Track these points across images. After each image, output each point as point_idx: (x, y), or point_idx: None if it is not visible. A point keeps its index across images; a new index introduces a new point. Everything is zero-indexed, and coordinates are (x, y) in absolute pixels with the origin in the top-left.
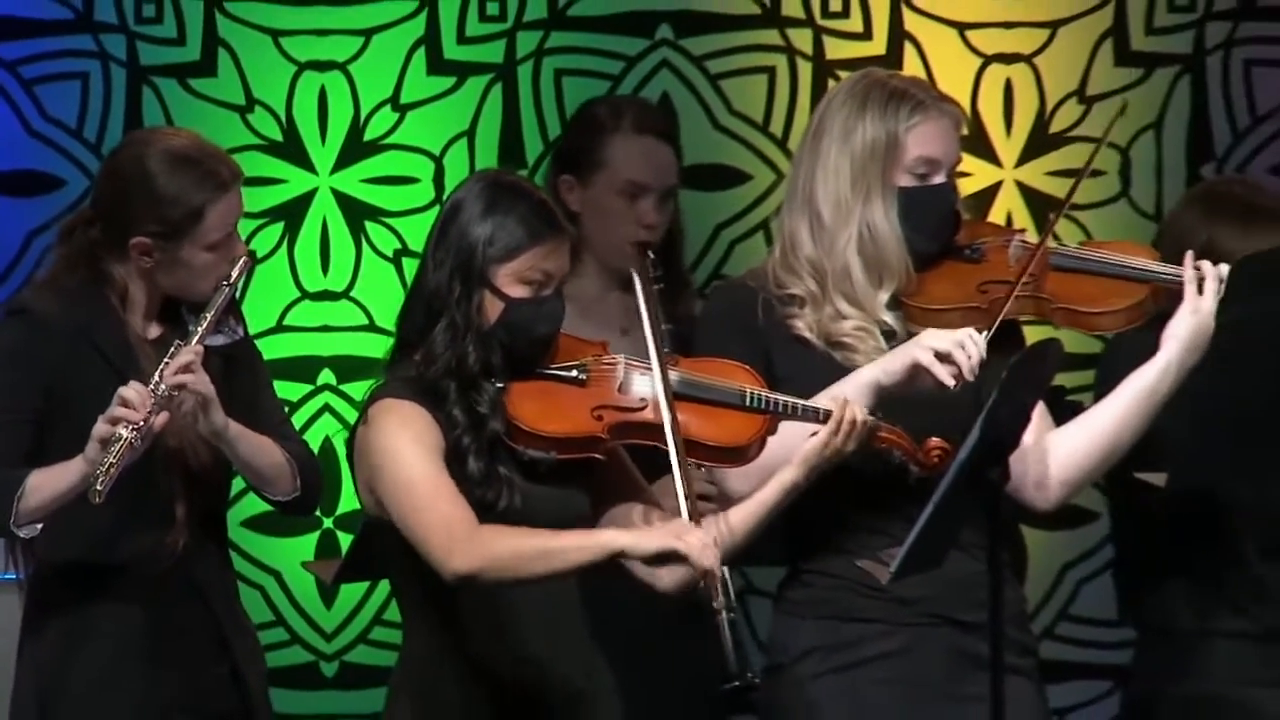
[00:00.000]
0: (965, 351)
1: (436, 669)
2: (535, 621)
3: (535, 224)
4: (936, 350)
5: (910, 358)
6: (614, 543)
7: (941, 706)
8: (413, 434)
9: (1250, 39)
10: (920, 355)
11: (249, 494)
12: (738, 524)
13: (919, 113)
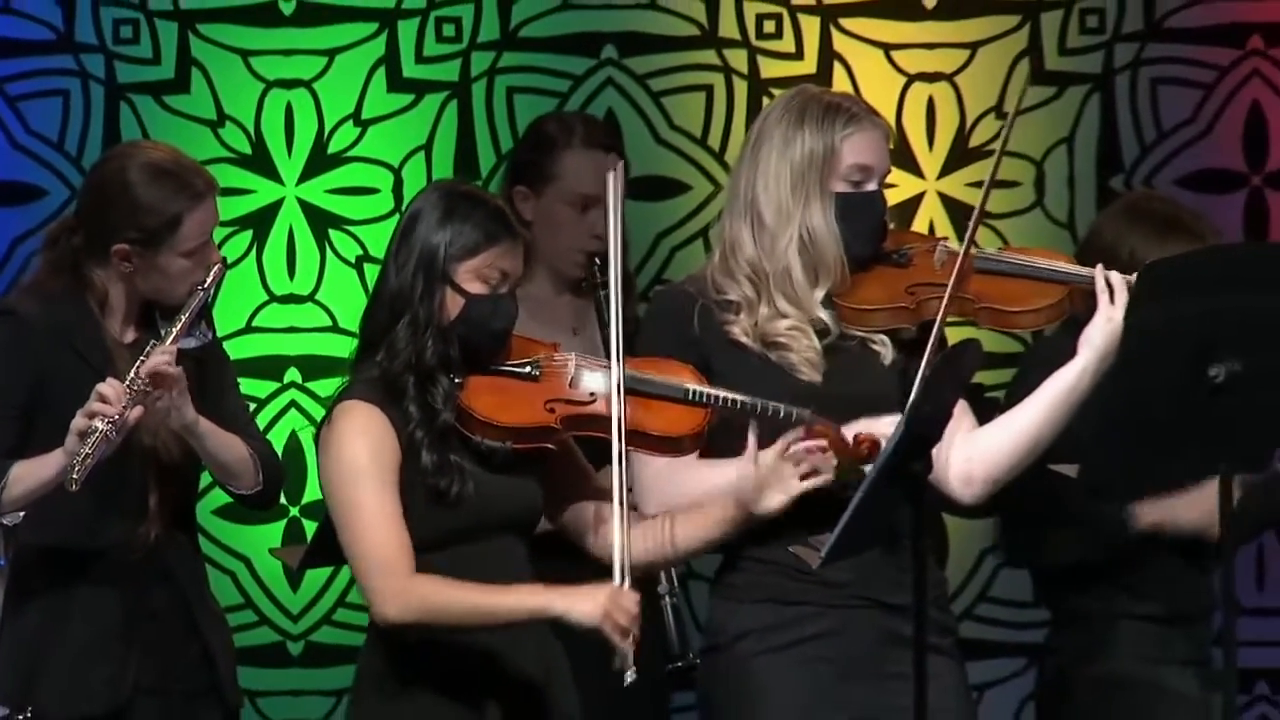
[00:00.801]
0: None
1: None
2: None
3: (492, 226)
4: None
5: None
6: (551, 607)
7: (869, 683)
8: (367, 447)
9: (1156, 59)
10: None
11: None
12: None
13: (853, 124)
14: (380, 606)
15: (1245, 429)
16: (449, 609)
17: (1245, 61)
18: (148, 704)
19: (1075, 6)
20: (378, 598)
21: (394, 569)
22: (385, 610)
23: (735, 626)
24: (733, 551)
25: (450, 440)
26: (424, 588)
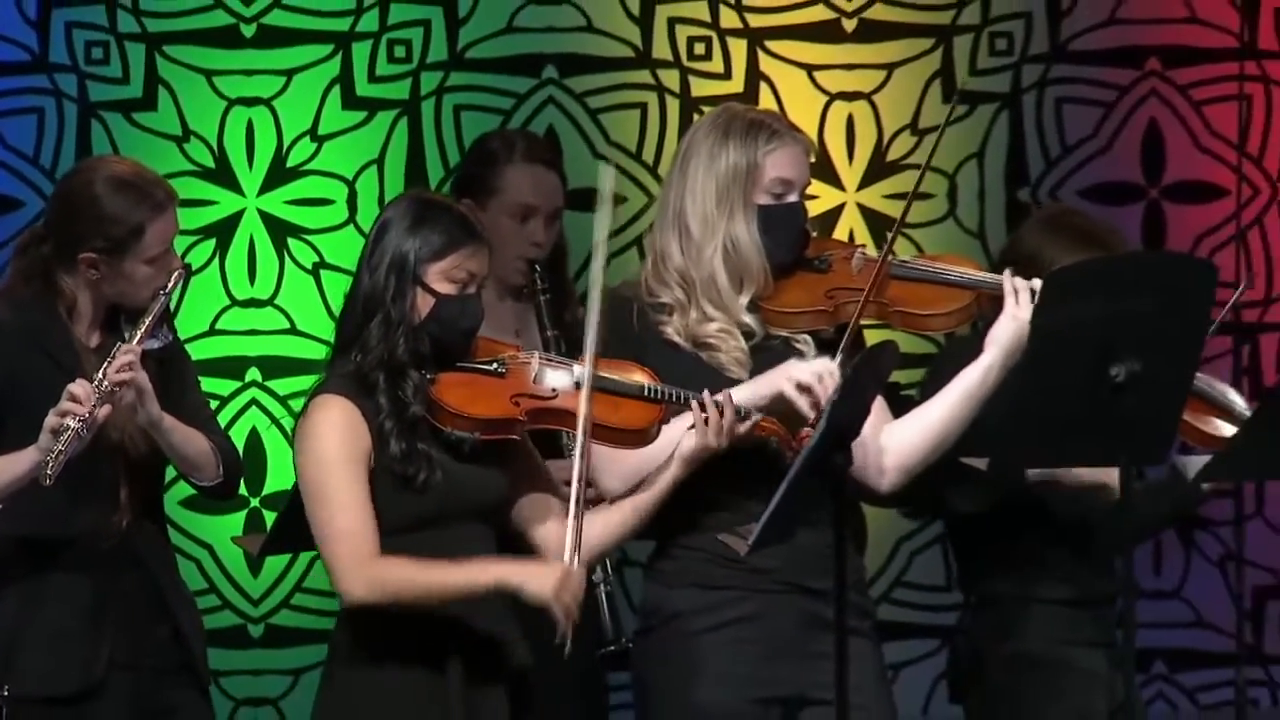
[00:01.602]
0: (824, 384)
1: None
2: None
3: (459, 231)
4: (799, 382)
5: (775, 387)
6: (507, 580)
7: (793, 663)
8: (338, 438)
9: (1060, 79)
10: (785, 386)
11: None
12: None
13: (775, 140)
14: (347, 586)
15: (1144, 425)
16: (411, 587)
17: (1143, 82)
18: (120, 681)
19: (985, 30)
20: (345, 578)
21: (360, 552)
22: (352, 589)
23: (668, 609)
24: (665, 540)
25: (419, 431)
26: (388, 568)
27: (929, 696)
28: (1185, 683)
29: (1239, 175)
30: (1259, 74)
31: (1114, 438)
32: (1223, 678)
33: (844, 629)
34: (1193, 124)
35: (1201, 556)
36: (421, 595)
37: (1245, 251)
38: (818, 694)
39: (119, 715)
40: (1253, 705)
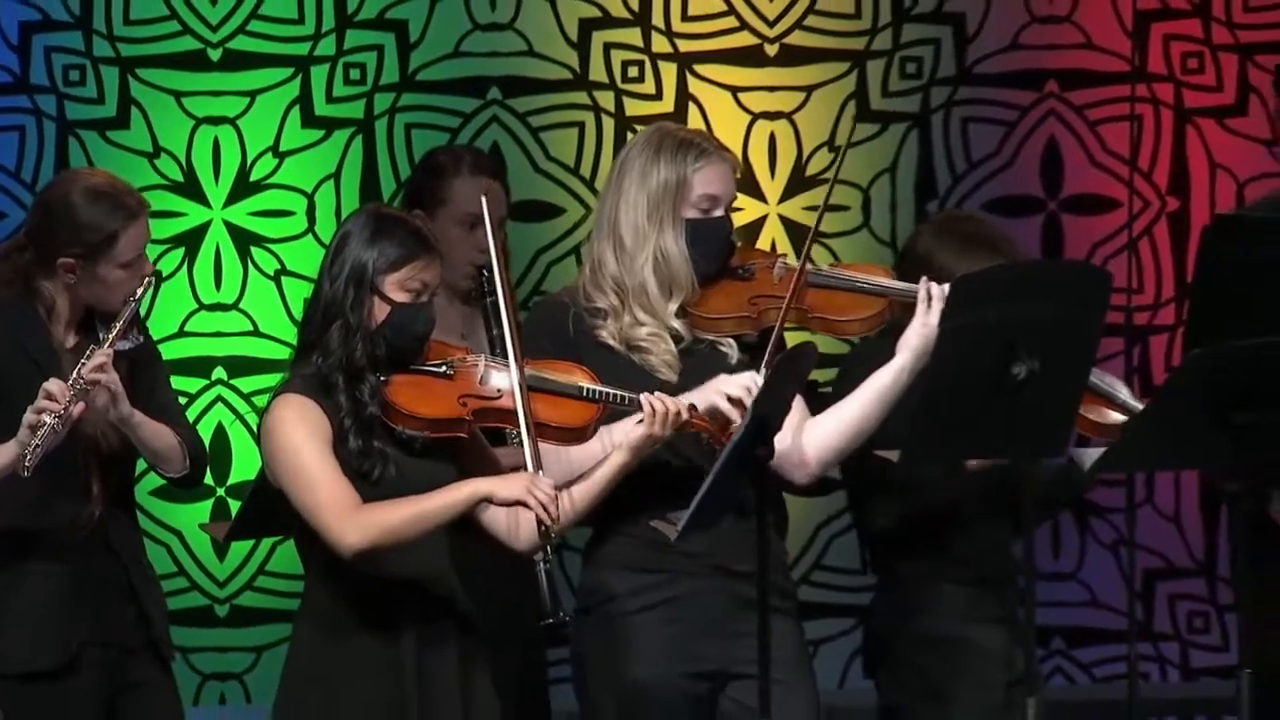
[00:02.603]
0: (752, 395)
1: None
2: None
3: (414, 243)
4: (729, 396)
5: (709, 401)
6: (479, 490)
7: (720, 641)
8: (307, 428)
9: (966, 100)
10: (717, 400)
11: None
12: (578, 498)
13: (703, 158)
14: (342, 538)
15: (1044, 419)
16: (399, 521)
17: (1043, 103)
18: (92, 657)
19: (897, 55)
20: (338, 532)
21: (345, 507)
22: (348, 539)
23: (604, 591)
24: (602, 526)
25: (375, 429)
26: (373, 512)
27: (845, 671)
28: (1081, 658)
29: (1130, 189)
30: (1149, 96)
31: (1016, 431)
32: (1116, 653)
33: (767, 608)
34: (1088, 142)
35: (1096, 541)
36: (409, 525)
37: (1136, 259)
38: (743, 669)
39: (91, 689)
40: (1143, 679)
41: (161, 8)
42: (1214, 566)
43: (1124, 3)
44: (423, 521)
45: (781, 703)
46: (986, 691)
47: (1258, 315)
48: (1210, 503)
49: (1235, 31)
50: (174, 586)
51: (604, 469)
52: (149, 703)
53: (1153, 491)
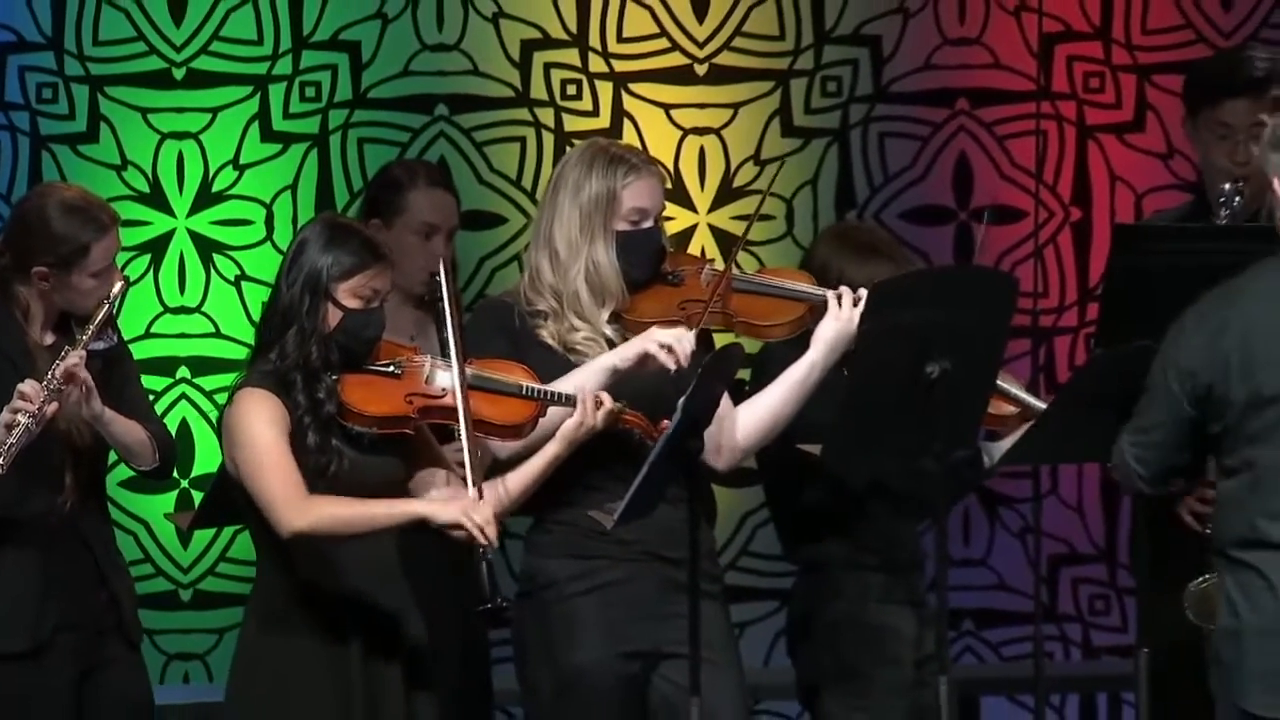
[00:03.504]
0: (682, 345)
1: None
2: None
3: (366, 252)
4: (661, 342)
5: (641, 348)
6: (420, 511)
7: (653, 622)
8: (265, 418)
9: (883, 117)
10: (649, 346)
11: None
12: (514, 487)
13: (633, 173)
14: (289, 522)
15: (955, 415)
16: (342, 515)
17: (954, 119)
18: (65, 640)
19: (818, 75)
20: (285, 516)
21: (295, 494)
22: (294, 523)
23: (543, 577)
24: (542, 515)
25: (331, 426)
26: (320, 504)
27: (769, 651)
28: (990, 639)
29: (1036, 200)
30: (1053, 113)
31: (929, 426)
32: (1022, 634)
33: (697, 592)
34: (996, 155)
35: (1004, 529)
36: (349, 524)
37: (1042, 266)
38: (674, 649)
39: (63, 668)
40: (1048, 658)
41: (129, 29)
42: (1114, 553)
43: (1030, 25)
44: (363, 524)
45: (710, 681)
46: (898, 670)
47: (1158, 318)
48: (1110, 493)
49: (1134, 53)
50: (141, 572)
51: (538, 460)
52: (118, 681)
53: (1057, 483)
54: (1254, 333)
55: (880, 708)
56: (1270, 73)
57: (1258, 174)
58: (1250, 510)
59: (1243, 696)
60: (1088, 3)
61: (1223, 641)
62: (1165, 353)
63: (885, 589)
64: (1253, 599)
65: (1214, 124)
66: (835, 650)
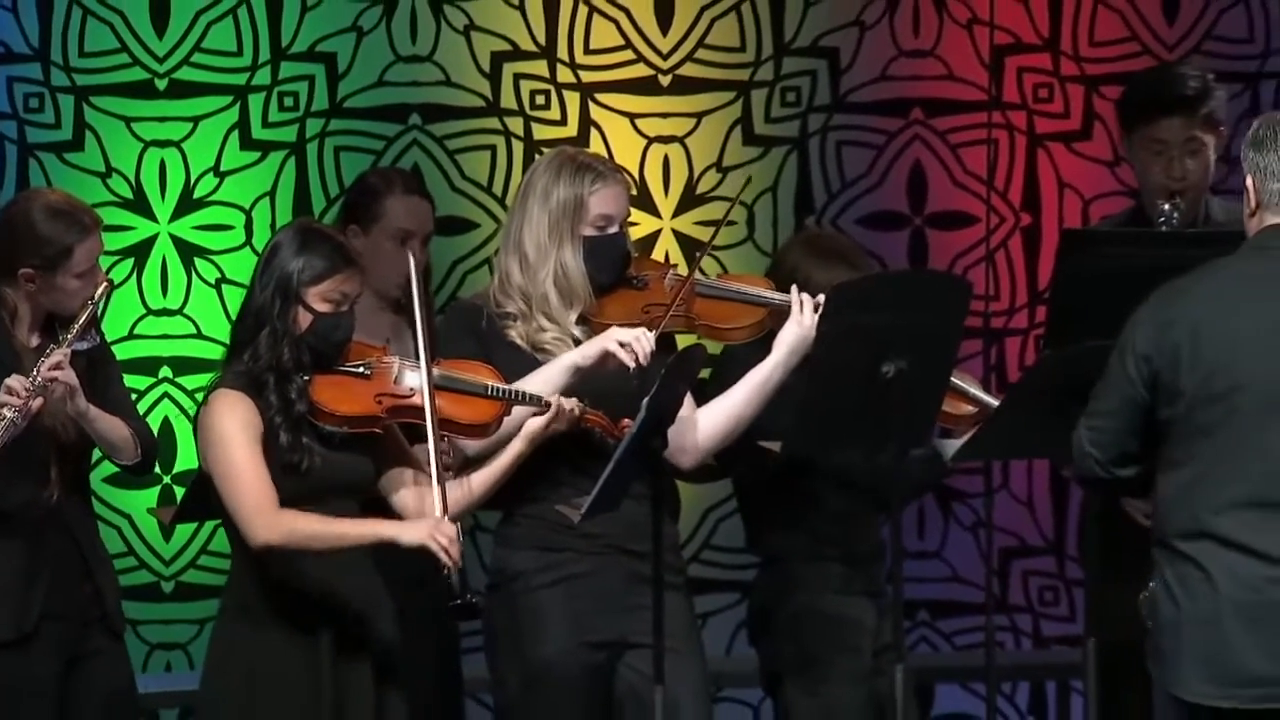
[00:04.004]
0: (640, 343)
1: (255, 587)
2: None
3: (336, 258)
4: (621, 340)
5: (602, 346)
6: (384, 533)
7: (618, 613)
8: (239, 422)
9: (840, 126)
10: (609, 344)
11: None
12: (479, 485)
13: (600, 181)
14: (256, 534)
15: (910, 413)
16: (307, 533)
17: (909, 129)
18: (50, 629)
19: (778, 85)
20: (253, 528)
21: (264, 506)
22: (260, 536)
23: (512, 569)
24: (511, 510)
25: (303, 425)
26: (289, 518)
27: (731, 640)
28: (944, 628)
29: (988, 206)
30: (1004, 122)
31: (885, 424)
32: (974, 624)
33: (660, 584)
34: (949, 163)
35: (957, 523)
36: (315, 541)
37: (993, 270)
38: (639, 638)
39: (48, 657)
40: (999, 647)
41: (113, 41)
42: (1063, 546)
43: (981, 38)
44: (329, 541)
45: (674, 669)
46: (857, 658)
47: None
48: (1059, 488)
49: (1081, 64)
50: (124, 565)
51: (503, 458)
52: (102, 670)
53: (1008, 478)
54: (1203, 329)
55: (839, 694)
56: (1201, 91)
57: (1193, 187)
58: (1193, 503)
59: (1181, 686)
60: (1037, 16)
61: (1162, 632)
62: (1122, 340)
63: (844, 580)
64: (1190, 590)
65: (1149, 140)
66: (796, 639)
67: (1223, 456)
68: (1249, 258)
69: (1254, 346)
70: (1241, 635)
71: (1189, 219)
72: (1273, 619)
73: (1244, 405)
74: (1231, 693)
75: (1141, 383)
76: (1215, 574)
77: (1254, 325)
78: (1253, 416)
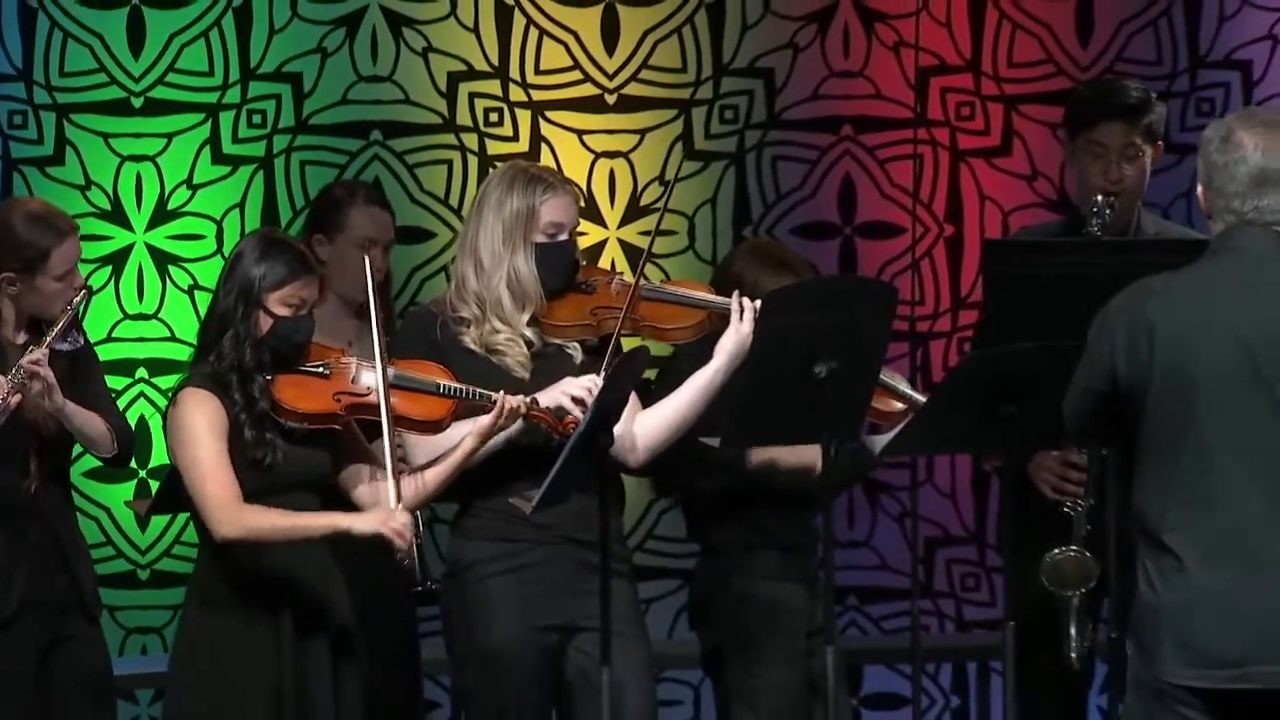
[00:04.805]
0: (592, 395)
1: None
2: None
3: (296, 265)
4: (573, 396)
5: (556, 401)
6: (340, 524)
7: (567, 599)
8: (205, 419)
9: (775, 142)
10: (563, 400)
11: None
12: (432, 479)
13: (550, 191)
14: (219, 528)
15: (840, 410)
16: (267, 527)
17: (839, 144)
18: (30, 615)
19: (717, 104)
20: (216, 522)
21: (227, 501)
22: (223, 530)
23: (468, 558)
24: (466, 502)
25: (265, 422)
26: (250, 513)
27: (673, 624)
28: (872, 613)
29: (913, 217)
30: (928, 139)
31: (818, 420)
32: (901, 609)
33: (607, 572)
34: (877, 177)
35: (885, 514)
36: (276, 534)
37: (918, 277)
38: (587, 622)
39: (28, 641)
40: (924, 630)
41: (92, 62)
42: (984, 535)
43: (907, 59)
44: (288, 534)
45: (620, 651)
46: (791, 640)
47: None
48: (980, 481)
49: (1001, 84)
50: (102, 554)
51: (455, 453)
52: (80, 653)
53: (933, 472)
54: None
55: (775, 675)
56: (1144, 101)
57: (1128, 192)
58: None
59: (1161, 668)
60: (959, 39)
61: (1142, 621)
62: (1094, 334)
63: (779, 568)
64: (1168, 578)
65: (1090, 144)
66: (734, 623)
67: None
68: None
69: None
70: (1215, 620)
71: (1121, 224)
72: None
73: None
74: (1206, 674)
75: (1106, 375)
76: (1189, 563)
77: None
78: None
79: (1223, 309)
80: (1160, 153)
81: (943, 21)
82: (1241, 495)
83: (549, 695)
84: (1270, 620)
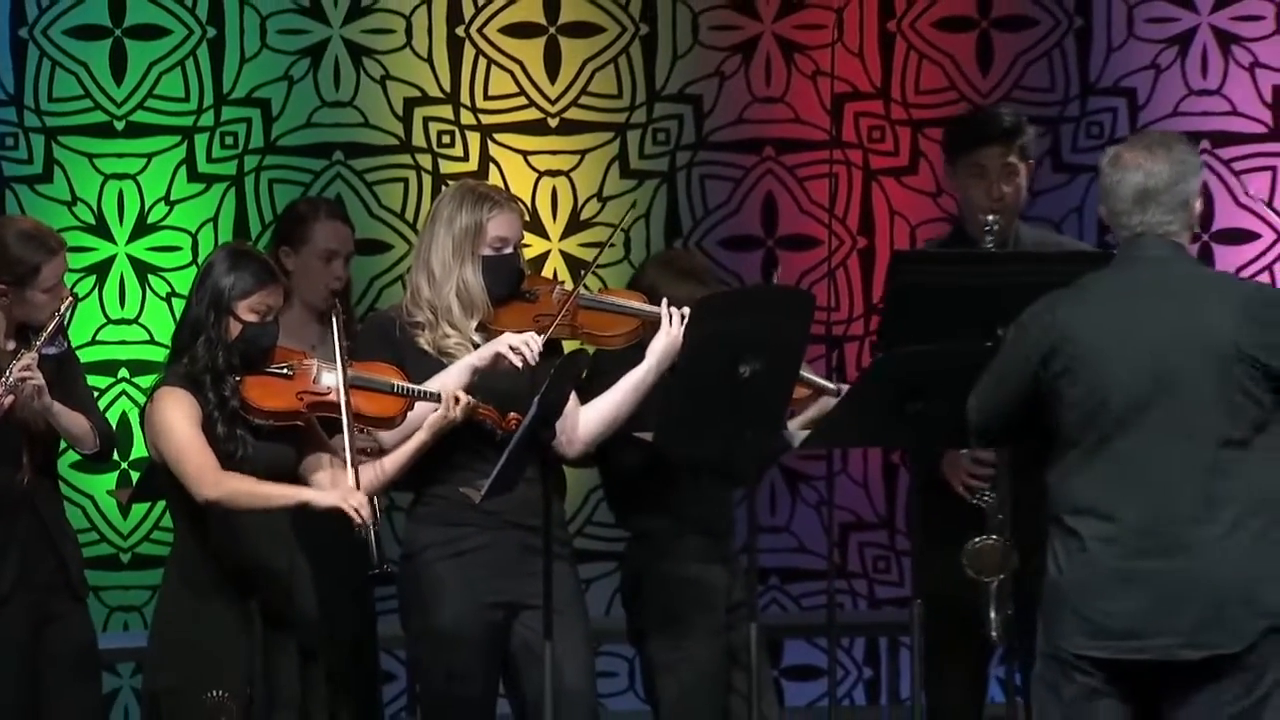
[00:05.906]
0: (529, 346)
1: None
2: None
3: (263, 275)
4: (512, 345)
5: (495, 349)
6: (303, 496)
7: (513, 580)
8: (182, 411)
9: (704, 162)
10: (501, 347)
11: None
12: (389, 467)
13: (496, 208)
14: (203, 491)
15: (764, 406)
16: (244, 491)
17: (762, 164)
18: (21, 597)
19: (650, 126)
20: (201, 486)
21: (208, 468)
22: (206, 493)
23: (421, 542)
24: (419, 490)
25: (236, 418)
26: (228, 477)
27: (610, 603)
28: (792, 592)
29: (829, 231)
30: (843, 159)
31: (743, 416)
32: (818, 588)
33: (550, 554)
34: (797, 194)
35: (803, 501)
36: (251, 496)
37: (834, 285)
38: (531, 601)
39: (20, 621)
40: (840, 608)
41: (78, 88)
42: (894, 521)
43: (824, 87)
44: (261, 501)
45: (561, 628)
46: (712, 616)
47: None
48: (890, 472)
49: (909, 109)
50: (88, 539)
51: (409, 445)
52: (68, 630)
53: (847, 463)
54: (1079, 331)
55: (698, 647)
56: (1016, 125)
57: (1007, 209)
58: (1081, 484)
59: (1062, 638)
60: (871, 68)
61: (1047, 595)
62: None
63: (703, 551)
64: (1072, 558)
65: (971, 166)
66: (660, 602)
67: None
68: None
69: (1127, 348)
70: (1112, 595)
71: (1003, 238)
72: (1139, 581)
73: (1112, 402)
74: (1104, 645)
75: (1029, 374)
76: (1091, 544)
77: (1127, 325)
78: (1125, 410)
79: (1135, 312)
80: (1032, 169)
81: (856, 52)
82: (1145, 483)
83: (496, 666)
84: (1163, 595)
